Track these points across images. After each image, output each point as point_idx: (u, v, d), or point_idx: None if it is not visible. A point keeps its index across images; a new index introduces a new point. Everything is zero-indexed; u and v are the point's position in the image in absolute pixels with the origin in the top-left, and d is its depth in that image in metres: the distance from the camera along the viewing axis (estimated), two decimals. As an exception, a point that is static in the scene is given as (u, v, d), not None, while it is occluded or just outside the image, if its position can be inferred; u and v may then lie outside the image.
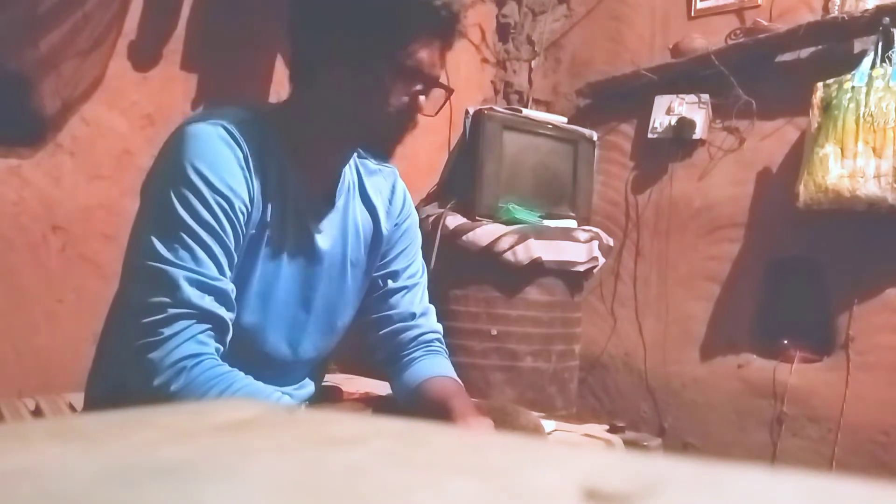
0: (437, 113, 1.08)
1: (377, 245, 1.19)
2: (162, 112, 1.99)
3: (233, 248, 0.96)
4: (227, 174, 0.95)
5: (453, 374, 1.19)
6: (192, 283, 0.91)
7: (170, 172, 0.95)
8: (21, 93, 1.77)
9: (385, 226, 1.19)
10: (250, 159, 0.98)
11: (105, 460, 0.26)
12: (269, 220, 1.02)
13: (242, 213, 0.97)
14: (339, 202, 1.12)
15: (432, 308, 1.26)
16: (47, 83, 1.78)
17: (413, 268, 1.24)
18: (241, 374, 0.94)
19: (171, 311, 0.90)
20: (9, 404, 1.63)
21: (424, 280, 1.26)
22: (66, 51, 1.78)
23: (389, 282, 1.21)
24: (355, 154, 1.17)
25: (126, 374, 0.95)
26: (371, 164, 1.21)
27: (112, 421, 0.33)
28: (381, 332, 1.21)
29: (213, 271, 0.93)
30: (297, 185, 1.05)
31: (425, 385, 1.14)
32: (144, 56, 1.98)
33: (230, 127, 0.97)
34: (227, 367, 0.93)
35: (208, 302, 0.92)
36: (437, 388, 1.13)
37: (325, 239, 1.09)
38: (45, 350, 1.84)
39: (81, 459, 0.26)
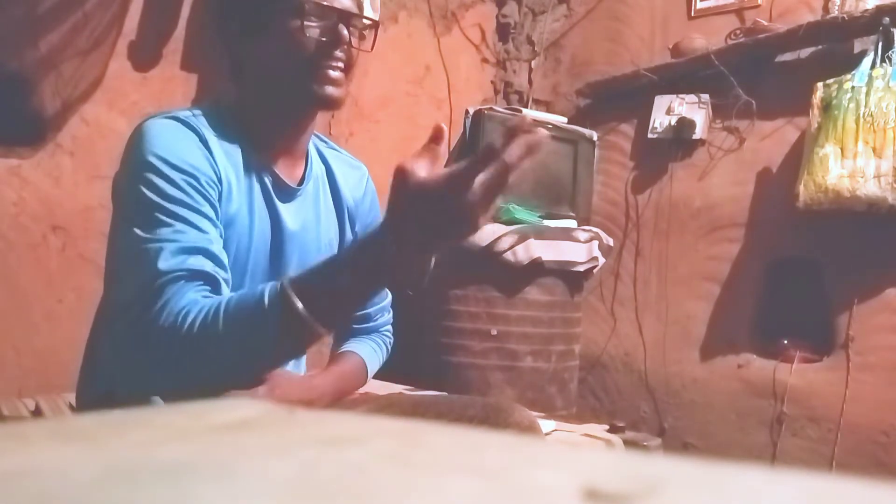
0: (372, 47, 1.09)
1: (346, 233, 1.21)
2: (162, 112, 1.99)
3: (213, 217, 0.97)
4: (187, 154, 0.97)
5: (362, 354, 1.24)
6: (174, 251, 0.90)
7: (133, 167, 0.97)
8: (21, 93, 1.77)
9: (354, 217, 1.21)
10: (209, 143, 1.00)
11: (105, 460, 0.26)
12: (235, 205, 1.03)
13: (211, 187, 0.98)
14: (309, 186, 1.14)
15: (388, 296, 1.32)
16: (47, 83, 1.78)
17: None
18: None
19: (159, 281, 0.88)
20: (9, 404, 1.63)
21: None
22: (66, 51, 1.78)
23: None
24: (325, 144, 1.21)
25: (131, 358, 0.91)
26: (339, 154, 1.24)
27: (112, 421, 0.33)
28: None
29: (194, 235, 0.93)
30: (261, 171, 1.07)
31: (333, 356, 1.25)
32: (144, 56, 1.98)
33: (185, 118, 1.00)
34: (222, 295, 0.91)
35: (193, 262, 0.91)
36: (333, 360, 1.23)
37: (294, 220, 1.11)
38: (44, 350, 1.84)
39: (81, 459, 0.26)
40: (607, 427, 1.77)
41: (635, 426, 2.49)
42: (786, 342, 2.34)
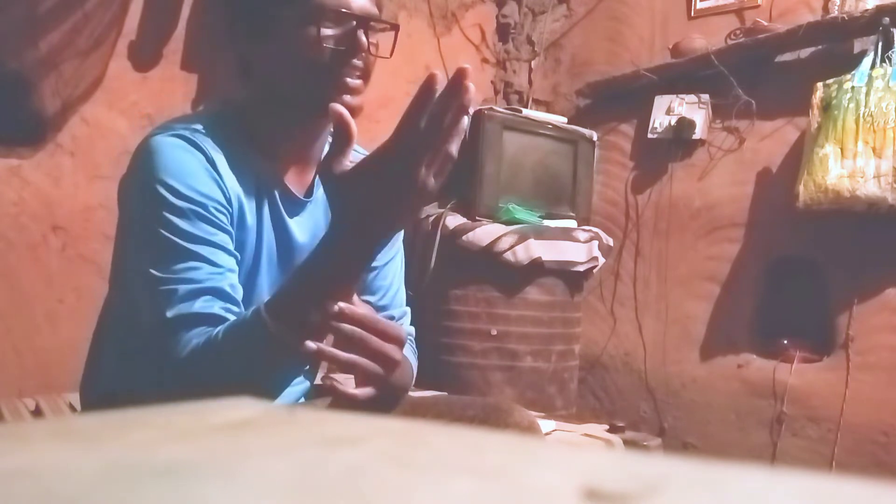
0: (391, 53, 1.05)
1: None
2: (162, 112, 1.99)
3: (227, 244, 0.96)
4: (194, 181, 0.95)
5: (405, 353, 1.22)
6: (183, 295, 0.90)
7: (140, 191, 0.95)
8: (21, 93, 1.77)
9: None
10: (216, 163, 0.97)
11: (105, 460, 0.26)
12: (246, 218, 1.02)
13: (222, 213, 0.97)
14: (318, 193, 1.10)
15: (407, 310, 1.26)
16: (47, 83, 1.78)
17: (393, 269, 1.23)
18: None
19: (164, 329, 0.90)
20: (9, 404, 1.63)
21: (401, 279, 1.25)
22: (66, 51, 1.78)
23: (373, 285, 1.21)
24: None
25: (140, 386, 0.93)
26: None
27: (112, 421, 0.33)
28: None
29: (207, 271, 0.93)
30: (271, 180, 1.05)
31: None
32: (144, 56, 1.98)
33: (191, 135, 0.97)
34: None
35: (200, 305, 0.91)
36: None
37: (304, 232, 1.09)
38: (45, 350, 1.84)
39: (81, 459, 0.26)
40: (607, 427, 1.77)
41: (635, 426, 2.49)
42: (786, 342, 2.34)
